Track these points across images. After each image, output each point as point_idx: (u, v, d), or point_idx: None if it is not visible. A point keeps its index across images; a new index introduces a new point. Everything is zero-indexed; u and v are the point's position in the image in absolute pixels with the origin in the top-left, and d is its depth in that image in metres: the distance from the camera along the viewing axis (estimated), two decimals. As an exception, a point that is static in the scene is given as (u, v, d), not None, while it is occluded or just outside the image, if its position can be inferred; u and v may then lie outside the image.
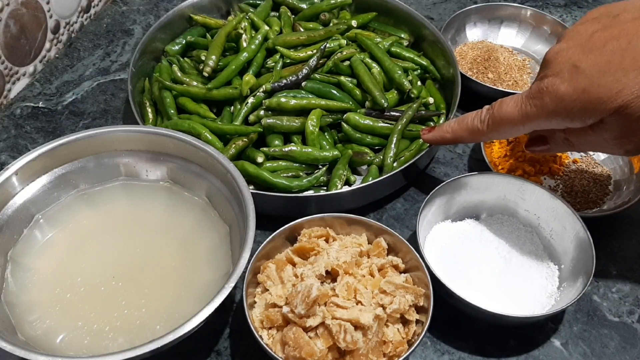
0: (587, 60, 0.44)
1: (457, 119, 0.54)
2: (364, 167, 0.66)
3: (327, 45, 0.71)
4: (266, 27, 0.73)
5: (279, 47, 0.71)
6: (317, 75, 0.69)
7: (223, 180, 0.54)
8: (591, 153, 0.69)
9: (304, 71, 0.67)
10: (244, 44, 0.72)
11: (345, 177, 0.63)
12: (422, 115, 0.68)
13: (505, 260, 0.56)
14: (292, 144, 0.64)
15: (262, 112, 0.65)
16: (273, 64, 0.71)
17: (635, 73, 0.42)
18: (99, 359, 0.42)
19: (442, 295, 0.51)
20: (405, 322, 0.49)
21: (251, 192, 0.52)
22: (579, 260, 0.54)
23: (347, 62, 0.71)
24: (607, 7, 0.47)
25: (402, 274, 0.51)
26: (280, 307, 0.47)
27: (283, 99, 0.65)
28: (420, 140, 0.67)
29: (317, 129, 0.64)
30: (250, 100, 0.66)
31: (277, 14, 0.79)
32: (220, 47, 0.70)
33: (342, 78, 0.69)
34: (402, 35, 0.78)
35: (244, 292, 0.49)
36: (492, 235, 0.58)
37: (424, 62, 0.74)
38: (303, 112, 0.66)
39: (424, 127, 0.68)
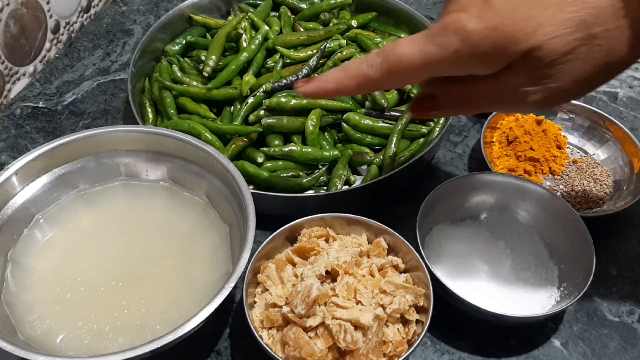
0: None
1: (339, 66, 0.44)
2: (364, 167, 0.66)
3: (327, 45, 0.71)
4: (266, 27, 0.73)
5: (279, 47, 0.71)
6: (317, 75, 0.69)
7: (223, 180, 0.54)
8: (591, 153, 0.69)
9: (304, 71, 0.67)
10: (244, 44, 0.72)
11: (345, 177, 0.63)
12: (422, 115, 0.68)
13: (505, 260, 0.56)
14: (292, 144, 0.64)
15: (262, 112, 0.65)
16: (273, 64, 0.71)
17: (553, 10, 0.37)
18: (99, 359, 0.42)
19: (442, 295, 0.51)
20: (405, 322, 0.49)
21: (251, 192, 0.52)
22: (579, 260, 0.54)
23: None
24: None
25: (402, 274, 0.51)
26: (280, 307, 0.47)
27: (283, 99, 0.65)
28: (420, 140, 0.67)
29: (317, 129, 0.64)
30: (250, 100, 0.66)
31: (277, 14, 0.79)
32: (220, 47, 0.70)
33: (342, 78, 0.69)
34: (402, 35, 0.78)
35: (244, 292, 0.49)
36: (492, 235, 0.58)
37: (424, 62, 0.74)
38: (303, 112, 0.66)
39: (423, 127, 0.68)
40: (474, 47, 0.38)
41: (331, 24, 0.76)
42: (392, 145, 0.64)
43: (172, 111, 0.67)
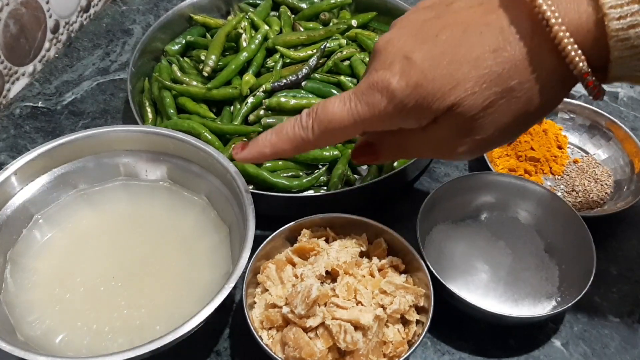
0: (419, 51, 0.39)
1: (273, 129, 0.46)
2: (364, 167, 0.66)
3: (327, 45, 0.71)
4: (266, 27, 0.73)
5: (279, 47, 0.71)
6: (317, 75, 0.69)
7: (223, 180, 0.54)
8: (592, 153, 0.69)
9: (304, 71, 0.67)
10: (244, 44, 0.71)
11: (345, 177, 0.63)
12: (422, 115, 0.68)
13: (505, 260, 0.56)
14: (292, 143, 0.64)
15: (262, 112, 0.65)
16: (273, 63, 0.70)
17: (468, 66, 0.37)
18: (99, 359, 0.42)
19: (443, 295, 0.51)
20: (405, 322, 0.49)
21: (251, 192, 0.52)
22: (579, 260, 0.54)
23: (347, 62, 0.71)
24: None
25: (402, 274, 0.51)
26: (280, 307, 0.47)
27: (283, 99, 0.65)
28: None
29: (317, 129, 0.64)
30: (250, 100, 0.66)
31: (277, 13, 0.78)
32: (220, 47, 0.70)
33: (342, 78, 0.69)
34: (402, 35, 0.77)
35: (244, 292, 0.49)
36: (492, 235, 0.58)
37: (424, 61, 0.74)
38: (303, 111, 0.65)
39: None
40: (400, 105, 0.39)
41: (331, 24, 0.76)
42: (392, 145, 0.64)
43: (172, 111, 0.67)
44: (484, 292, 0.54)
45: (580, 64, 0.36)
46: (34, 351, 0.42)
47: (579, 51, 0.36)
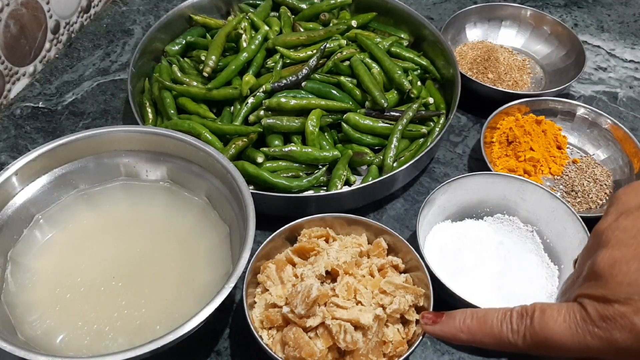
0: None
1: (476, 315, 0.39)
2: (364, 167, 0.66)
3: (327, 45, 0.71)
4: (266, 27, 0.73)
5: (279, 47, 0.71)
6: (317, 75, 0.69)
7: (223, 180, 0.54)
8: (591, 153, 0.69)
9: (304, 71, 0.67)
10: (244, 44, 0.72)
11: (345, 177, 0.63)
12: (422, 115, 0.68)
13: (505, 260, 0.56)
14: (292, 144, 0.64)
15: (262, 112, 0.65)
16: (273, 64, 0.71)
17: None
18: (99, 359, 0.42)
19: (442, 295, 0.51)
20: (405, 322, 0.49)
21: (251, 192, 0.52)
22: (579, 260, 0.54)
23: (347, 62, 0.71)
24: None
25: (402, 274, 0.51)
26: (280, 307, 0.47)
27: (283, 99, 0.65)
28: (420, 140, 0.67)
29: (317, 129, 0.64)
30: (250, 100, 0.66)
31: (277, 14, 0.79)
32: (220, 47, 0.70)
33: (342, 78, 0.69)
34: (402, 35, 0.78)
35: (244, 292, 0.49)
36: (492, 235, 0.58)
37: (424, 62, 0.74)
38: (303, 112, 0.66)
39: (423, 127, 0.68)
40: None
41: (331, 24, 0.76)
42: (392, 146, 0.64)
43: (172, 111, 0.67)
44: (483, 292, 0.54)
45: None
46: (34, 351, 0.42)
47: None
